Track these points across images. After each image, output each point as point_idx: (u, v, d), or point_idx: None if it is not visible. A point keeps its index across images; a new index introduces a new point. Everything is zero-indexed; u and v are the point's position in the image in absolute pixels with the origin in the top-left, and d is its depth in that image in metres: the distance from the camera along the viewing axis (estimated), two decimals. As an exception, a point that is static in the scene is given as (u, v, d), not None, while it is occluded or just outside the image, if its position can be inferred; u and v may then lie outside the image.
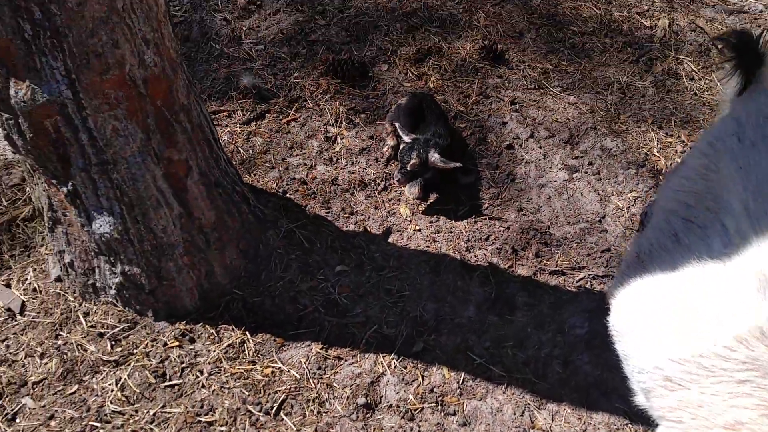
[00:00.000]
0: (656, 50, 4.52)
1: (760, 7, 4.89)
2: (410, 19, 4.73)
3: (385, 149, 3.90)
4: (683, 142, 3.93)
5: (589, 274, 3.32)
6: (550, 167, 3.83)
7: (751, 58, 2.27)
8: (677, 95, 4.22)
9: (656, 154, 3.87)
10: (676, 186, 2.29)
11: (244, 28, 4.69)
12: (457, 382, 2.91)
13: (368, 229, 3.52)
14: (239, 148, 3.90)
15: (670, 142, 3.94)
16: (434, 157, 3.54)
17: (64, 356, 2.95)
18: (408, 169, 3.54)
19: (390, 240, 3.48)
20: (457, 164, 3.57)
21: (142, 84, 2.52)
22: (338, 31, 4.66)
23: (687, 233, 2.08)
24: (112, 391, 2.84)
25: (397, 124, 3.69)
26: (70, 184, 2.65)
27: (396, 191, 3.72)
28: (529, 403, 2.85)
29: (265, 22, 4.74)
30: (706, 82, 4.31)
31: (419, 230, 3.53)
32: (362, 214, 3.60)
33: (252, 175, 3.75)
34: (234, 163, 3.67)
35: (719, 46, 2.45)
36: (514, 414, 2.82)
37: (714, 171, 2.07)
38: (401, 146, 3.63)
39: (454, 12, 4.79)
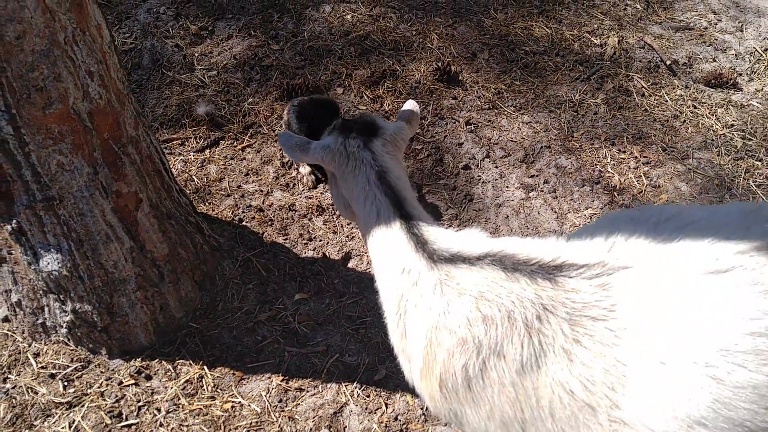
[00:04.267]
0: (607, 68, 4.59)
1: (704, 23, 5.01)
2: (364, 42, 4.73)
3: (304, 178, 3.85)
4: (636, 158, 3.98)
5: (549, 293, 3.32)
6: (507, 186, 3.84)
7: None
8: (629, 112, 4.29)
9: (610, 170, 3.91)
10: None
11: (196, 54, 4.63)
12: (422, 409, 2.87)
13: (327, 254, 3.48)
14: (193, 177, 3.83)
15: (624, 158, 3.99)
16: None
17: (13, 400, 2.83)
18: None
19: (350, 265, 3.45)
20: None
21: (88, 117, 2.46)
22: (292, 55, 4.63)
23: None
24: (65, 434, 2.74)
25: None
26: (14, 221, 2.56)
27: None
28: (493, 427, 2.82)
29: (217, 47, 4.69)
30: (657, 98, 4.39)
31: (379, 254, 3.49)
32: (321, 240, 3.56)
33: (206, 204, 3.68)
34: (188, 192, 3.60)
35: None
36: (479, 438, 2.79)
37: None
38: None
39: (408, 34, 4.81)
